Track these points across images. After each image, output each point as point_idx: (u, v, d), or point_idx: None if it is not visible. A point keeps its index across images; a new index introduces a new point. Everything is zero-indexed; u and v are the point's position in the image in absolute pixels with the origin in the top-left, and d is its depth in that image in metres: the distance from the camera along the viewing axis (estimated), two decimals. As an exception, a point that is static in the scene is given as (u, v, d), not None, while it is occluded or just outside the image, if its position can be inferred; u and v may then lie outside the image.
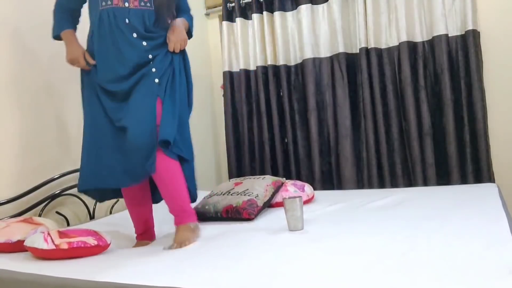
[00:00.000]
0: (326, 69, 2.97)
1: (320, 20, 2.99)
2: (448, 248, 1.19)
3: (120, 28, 1.71)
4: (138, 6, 1.75)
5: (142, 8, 1.76)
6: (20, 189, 2.03)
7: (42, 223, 1.73)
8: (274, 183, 2.12)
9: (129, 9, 1.73)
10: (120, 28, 1.71)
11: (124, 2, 1.72)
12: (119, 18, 1.71)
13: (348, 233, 1.48)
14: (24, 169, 2.08)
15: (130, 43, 1.71)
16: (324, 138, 3.01)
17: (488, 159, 2.59)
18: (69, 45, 1.80)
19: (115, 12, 1.71)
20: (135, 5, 1.74)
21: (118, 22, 1.71)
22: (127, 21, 1.72)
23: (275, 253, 1.31)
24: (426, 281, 0.96)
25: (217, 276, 1.14)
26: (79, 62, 1.77)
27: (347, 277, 1.04)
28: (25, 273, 1.32)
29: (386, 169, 2.79)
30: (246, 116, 3.20)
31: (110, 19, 1.71)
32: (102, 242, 1.54)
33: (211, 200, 2.03)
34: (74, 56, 1.77)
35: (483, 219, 1.46)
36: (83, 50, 1.78)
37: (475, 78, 2.59)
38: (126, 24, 1.72)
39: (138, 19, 1.74)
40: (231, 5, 3.25)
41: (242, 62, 3.22)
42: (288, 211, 1.59)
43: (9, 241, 1.61)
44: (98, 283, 1.17)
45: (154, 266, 1.29)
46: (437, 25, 2.67)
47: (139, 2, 1.75)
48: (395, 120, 2.78)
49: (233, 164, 3.21)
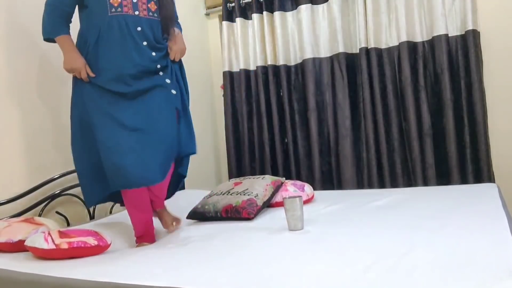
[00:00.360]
0: (326, 69, 2.97)
1: (320, 20, 2.99)
2: (448, 248, 1.19)
3: (132, 35, 1.77)
4: (147, 16, 1.83)
5: (151, 17, 1.84)
6: (20, 189, 2.03)
7: (43, 223, 1.73)
8: (273, 183, 2.12)
9: (140, 17, 1.80)
10: (132, 35, 1.77)
11: (134, 11, 1.79)
12: (131, 25, 1.77)
13: (348, 233, 1.48)
14: (24, 169, 2.08)
15: (140, 50, 1.78)
16: (324, 138, 3.01)
17: (488, 159, 2.59)
18: (70, 52, 1.80)
19: (126, 19, 1.77)
20: (144, 14, 1.82)
21: (130, 29, 1.77)
22: (139, 28, 1.79)
23: (275, 252, 1.32)
24: (426, 281, 0.96)
25: (217, 276, 1.14)
26: (80, 73, 1.77)
27: (348, 277, 1.04)
28: (25, 273, 1.32)
29: (386, 169, 2.79)
30: (246, 116, 3.20)
31: (121, 25, 1.76)
32: (102, 242, 1.54)
33: (211, 200, 2.03)
34: (77, 66, 1.77)
35: (483, 219, 1.46)
36: (85, 61, 1.78)
37: (475, 78, 2.59)
38: (138, 32, 1.79)
39: (148, 28, 1.82)
40: (231, 5, 3.25)
41: (242, 62, 3.22)
42: (288, 210, 1.59)
43: (10, 240, 1.61)
44: (98, 283, 1.17)
45: (154, 266, 1.29)
46: (437, 25, 2.67)
47: (148, 11, 1.83)
48: (395, 120, 2.78)
49: (233, 164, 3.21)
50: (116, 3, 1.76)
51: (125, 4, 1.77)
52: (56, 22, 1.82)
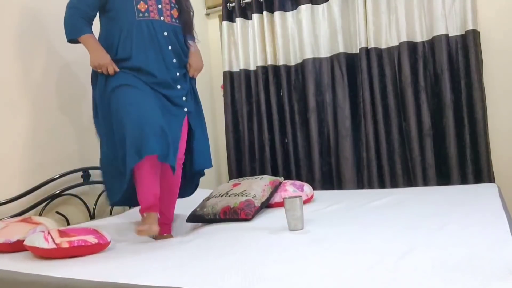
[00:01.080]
0: (326, 69, 2.97)
1: (320, 20, 2.99)
2: (448, 248, 1.19)
3: (158, 39, 1.85)
4: (170, 22, 1.92)
5: (174, 23, 1.93)
6: (20, 189, 2.03)
7: (41, 222, 1.73)
8: (271, 183, 2.12)
9: (165, 23, 1.89)
10: (158, 39, 1.85)
11: (160, 16, 1.87)
12: (157, 30, 1.85)
13: (348, 233, 1.48)
14: (25, 169, 2.08)
15: (165, 54, 1.87)
16: (324, 138, 3.01)
17: (488, 159, 2.59)
18: (96, 50, 1.83)
19: (153, 24, 1.84)
20: (168, 20, 1.91)
21: (157, 34, 1.85)
22: (165, 33, 1.88)
23: (275, 253, 1.31)
24: (426, 281, 0.96)
25: (217, 276, 1.14)
26: (107, 68, 1.82)
27: (348, 276, 1.04)
28: (25, 273, 1.32)
29: (386, 169, 2.79)
30: (246, 116, 3.20)
31: (150, 30, 1.83)
32: (102, 240, 1.55)
33: (209, 202, 2.03)
34: (104, 62, 1.81)
35: (483, 219, 1.46)
36: (110, 57, 1.83)
37: (475, 78, 2.59)
38: (164, 36, 1.87)
39: (172, 33, 1.91)
40: (231, 5, 3.25)
41: (242, 62, 3.22)
42: (288, 211, 1.59)
43: (8, 241, 1.61)
44: (98, 283, 1.17)
45: (154, 265, 1.29)
46: (437, 25, 2.67)
47: (171, 18, 1.92)
48: (395, 120, 2.78)
49: (233, 165, 3.21)
50: (143, 8, 1.83)
51: (151, 10, 1.85)
52: (78, 23, 1.85)
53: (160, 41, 1.85)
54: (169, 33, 1.89)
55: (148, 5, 1.84)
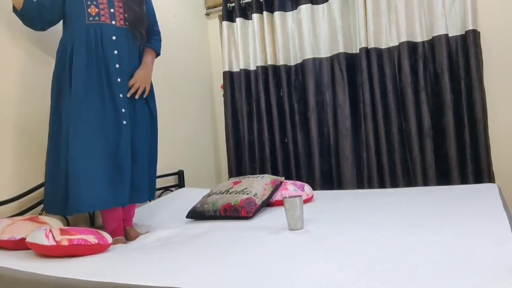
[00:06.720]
0: (326, 69, 2.97)
1: (320, 20, 2.99)
2: (449, 248, 1.19)
3: (103, 45, 1.81)
4: (123, 25, 1.88)
5: (126, 27, 1.89)
6: (20, 189, 2.03)
7: (47, 222, 1.73)
8: (272, 182, 2.12)
9: (116, 27, 1.85)
10: (103, 45, 1.81)
11: (111, 20, 1.84)
12: (104, 34, 1.81)
13: (348, 232, 1.48)
14: (25, 169, 2.08)
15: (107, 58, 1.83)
16: (324, 138, 3.01)
17: (488, 159, 2.59)
18: None
19: (102, 28, 1.82)
20: (121, 24, 1.87)
21: (104, 38, 1.81)
22: (113, 38, 1.83)
23: (275, 252, 1.31)
24: (427, 281, 0.96)
25: (217, 276, 1.14)
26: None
27: (348, 276, 1.04)
28: (25, 272, 1.31)
29: (386, 169, 2.79)
30: (246, 116, 3.20)
31: (96, 35, 1.80)
32: (103, 241, 1.54)
33: (210, 199, 2.03)
34: None
35: (484, 219, 1.46)
36: None
37: (475, 78, 2.59)
38: (112, 41, 1.83)
39: (123, 38, 1.86)
40: (231, 5, 3.25)
41: (242, 62, 3.22)
42: (288, 210, 1.59)
43: (13, 238, 1.62)
44: (98, 283, 1.17)
45: (154, 266, 1.29)
46: (437, 25, 2.67)
47: (124, 21, 1.88)
48: (395, 120, 2.78)
49: (233, 164, 3.21)
50: (94, 12, 1.81)
51: (102, 13, 1.82)
52: None
53: (104, 47, 1.81)
54: (117, 38, 1.84)
55: (100, 8, 1.81)
